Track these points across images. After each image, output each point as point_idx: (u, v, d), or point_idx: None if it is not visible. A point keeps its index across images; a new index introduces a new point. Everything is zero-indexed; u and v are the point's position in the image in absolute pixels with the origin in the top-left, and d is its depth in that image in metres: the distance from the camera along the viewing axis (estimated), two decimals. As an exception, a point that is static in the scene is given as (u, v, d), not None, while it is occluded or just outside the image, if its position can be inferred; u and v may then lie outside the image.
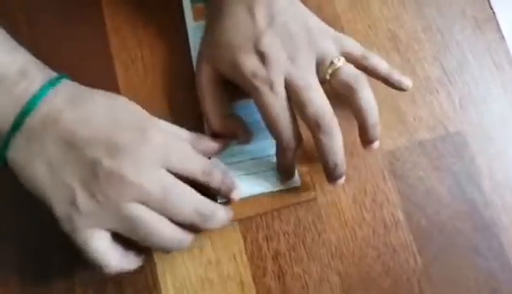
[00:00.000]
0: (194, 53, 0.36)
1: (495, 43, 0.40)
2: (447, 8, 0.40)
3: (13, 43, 0.30)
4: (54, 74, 0.30)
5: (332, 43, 0.32)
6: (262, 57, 0.31)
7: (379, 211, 0.36)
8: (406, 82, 0.34)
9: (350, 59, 0.33)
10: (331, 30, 0.33)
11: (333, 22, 0.39)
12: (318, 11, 0.38)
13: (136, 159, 0.28)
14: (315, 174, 0.36)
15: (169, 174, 0.29)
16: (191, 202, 0.29)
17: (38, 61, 0.30)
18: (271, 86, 0.30)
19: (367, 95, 0.31)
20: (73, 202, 0.27)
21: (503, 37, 0.40)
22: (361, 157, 0.37)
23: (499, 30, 0.40)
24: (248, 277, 0.34)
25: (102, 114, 0.28)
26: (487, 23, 0.40)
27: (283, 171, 0.34)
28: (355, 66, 0.33)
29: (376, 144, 0.33)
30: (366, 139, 0.33)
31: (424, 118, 0.38)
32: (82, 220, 0.27)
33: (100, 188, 0.27)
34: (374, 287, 0.34)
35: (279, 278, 0.34)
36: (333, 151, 0.31)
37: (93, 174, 0.27)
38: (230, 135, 0.34)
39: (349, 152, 0.36)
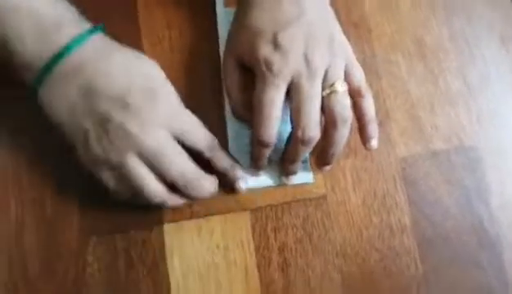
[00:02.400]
0: (222, 40, 0.37)
1: (519, 62, 0.40)
2: (476, 20, 0.40)
3: None
4: (89, 26, 0.31)
5: (343, 62, 0.32)
6: (278, 48, 0.31)
7: (387, 215, 0.36)
8: (374, 143, 0.34)
9: (347, 82, 0.33)
10: (349, 50, 0.33)
11: (360, 23, 0.39)
12: (346, 12, 0.38)
13: (144, 119, 0.30)
14: (327, 172, 0.36)
15: (171, 137, 0.31)
16: (180, 165, 0.31)
17: (76, 12, 0.32)
18: (277, 79, 0.31)
19: (342, 133, 0.32)
20: (86, 141, 0.30)
21: (528, 56, 0.40)
22: (375, 161, 0.37)
23: (525, 49, 0.40)
24: (253, 265, 0.35)
25: (122, 72, 0.30)
26: (513, 41, 0.40)
27: (254, 161, 0.35)
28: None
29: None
30: (319, 161, 0.35)
31: (441, 129, 0.38)
32: (93, 157, 0.30)
33: (107, 137, 0.30)
34: (373, 288, 0.35)
35: (283, 269, 0.35)
36: (299, 154, 0.33)
37: (104, 123, 0.30)
38: (249, 121, 0.34)
39: (363, 155, 0.37)
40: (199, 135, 0.32)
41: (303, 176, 0.36)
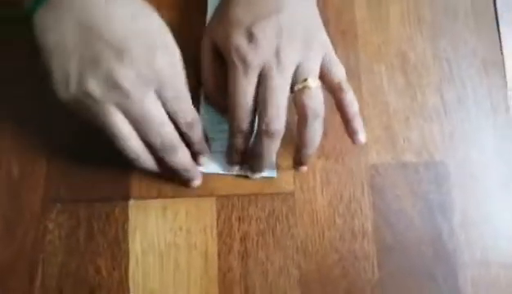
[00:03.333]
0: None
1: (496, 88, 0.41)
2: (461, 44, 0.41)
3: None
4: None
5: (320, 58, 0.33)
6: (251, 39, 0.31)
7: (351, 218, 0.37)
8: (361, 137, 0.33)
9: (327, 81, 0.33)
10: (328, 46, 0.34)
11: (348, 30, 0.40)
12: (336, 17, 0.38)
13: (135, 74, 0.29)
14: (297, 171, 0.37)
15: (157, 101, 0.30)
16: (160, 128, 0.30)
17: None
18: (247, 70, 0.31)
19: (315, 130, 0.32)
20: (67, 77, 0.29)
21: (506, 83, 0.41)
22: (346, 165, 0.38)
23: (503, 76, 0.41)
24: (213, 251, 0.35)
25: (127, 19, 0.29)
26: (494, 66, 0.41)
27: (227, 149, 0.35)
28: (328, 90, 0.33)
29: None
30: (295, 161, 0.35)
31: (413, 142, 0.39)
32: (72, 96, 0.29)
33: (93, 81, 0.28)
34: (330, 287, 0.36)
35: (242, 258, 0.35)
36: (264, 148, 0.33)
37: (93, 67, 0.28)
38: (221, 107, 0.35)
39: (335, 157, 0.37)
40: (185, 107, 0.32)
41: (266, 170, 0.36)
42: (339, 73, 0.33)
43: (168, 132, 0.31)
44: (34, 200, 0.34)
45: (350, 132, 0.34)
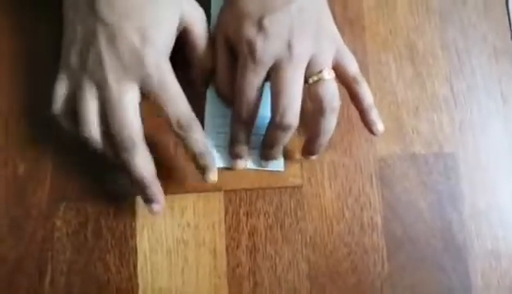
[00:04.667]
0: (213, 18, 0.36)
1: (507, 76, 0.40)
2: (470, 30, 0.40)
3: None
4: None
5: (333, 52, 0.32)
6: (262, 31, 0.31)
7: (360, 212, 0.37)
8: (380, 127, 0.34)
9: (341, 73, 0.33)
10: (339, 39, 0.33)
11: (355, 20, 0.39)
12: (343, 7, 0.38)
13: (119, 64, 0.29)
14: (305, 163, 0.37)
15: (136, 96, 0.30)
16: (120, 129, 0.30)
17: None
18: (257, 64, 0.31)
19: (330, 122, 0.32)
20: (70, 48, 0.30)
21: (516, 71, 0.40)
22: (354, 157, 0.37)
23: (514, 64, 0.41)
24: (222, 246, 0.35)
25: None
26: (504, 54, 0.40)
27: (231, 142, 0.34)
28: (342, 82, 0.33)
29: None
30: (305, 151, 0.35)
31: (423, 133, 0.38)
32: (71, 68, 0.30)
33: (76, 56, 0.30)
34: (339, 281, 0.36)
35: (251, 253, 0.35)
36: (278, 140, 0.33)
37: (87, 44, 0.29)
38: (230, 101, 0.34)
39: (342, 150, 0.37)
40: (175, 102, 0.30)
41: (273, 163, 0.36)
42: (352, 65, 0.33)
43: (134, 127, 0.30)
44: (41, 198, 0.34)
45: (367, 123, 0.34)
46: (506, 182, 0.38)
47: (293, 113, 0.31)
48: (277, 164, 0.36)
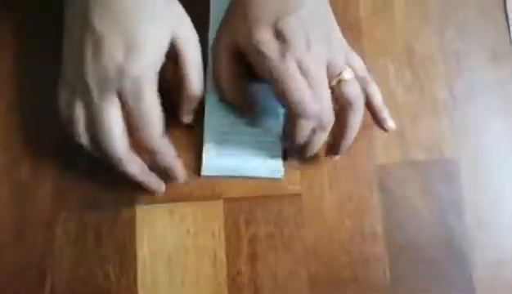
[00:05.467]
0: (213, 27, 0.37)
1: (507, 78, 0.40)
2: (468, 33, 0.40)
3: None
4: None
5: (343, 55, 0.33)
6: (279, 36, 0.31)
7: (360, 220, 0.36)
8: (391, 124, 0.35)
9: None
10: (345, 43, 0.34)
11: (354, 24, 0.39)
12: (342, 11, 0.38)
13: (102, 75, 0.29)
14: (305, 171, 0.36)
15: (113, 108, 0.29)
16: (103, 142, 0.30)
17: None
18: (282, 58, 0.30)
19: (357, 119, 0.33)
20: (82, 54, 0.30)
21: (516, 74, 0.40)
22: (354, 164, 0.37)
23: (514, 66, 0.40)
24: (222, 254, 0.35)
25: (126, 12, 0.29)
26: (503, 56, 0.40)
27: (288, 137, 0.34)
28: None
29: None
30: (332, 150, 0.35)
31: (422, 138, 0.38)
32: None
33: (75, 64, 0.30)
34: (340, 290, 0.35)
35: (251, 261, 0.35)
36: (316, 147, 0.34)
37: (77, 52, 0.30)
38: (237, 107, 0.35)
39: (343, 158, 0.37)
40: (149, 126, 0.30)
41: (272, 171, 0.36)
42: (360, 66, 0.34)
43: (115, 135, 0.30)
44: (42, 206, 0.34)
45: (379, 122, 0.35)
46: (508, 187, 0.38)
47: (329, 112, 0.32)
48: (276, 171, 0.36)
